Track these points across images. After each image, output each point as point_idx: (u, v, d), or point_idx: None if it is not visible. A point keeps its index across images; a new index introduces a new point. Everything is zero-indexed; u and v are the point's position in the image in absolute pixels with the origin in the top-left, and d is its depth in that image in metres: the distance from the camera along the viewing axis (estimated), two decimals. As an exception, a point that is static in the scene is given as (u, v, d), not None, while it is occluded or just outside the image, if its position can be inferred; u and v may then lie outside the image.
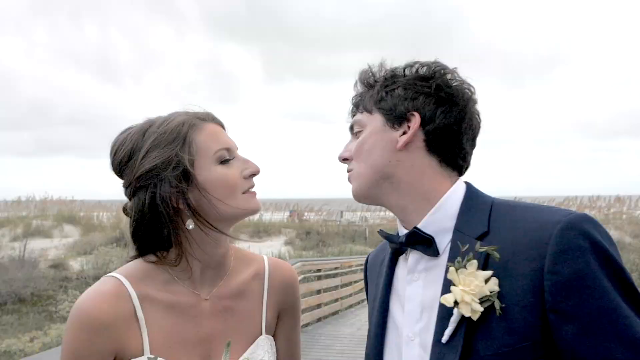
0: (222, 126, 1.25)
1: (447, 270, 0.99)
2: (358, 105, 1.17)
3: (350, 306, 12.12)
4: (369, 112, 1.14)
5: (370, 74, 1.16)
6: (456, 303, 0.95)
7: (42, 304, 17.30)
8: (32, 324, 15.49)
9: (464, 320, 0.95)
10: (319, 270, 10.89)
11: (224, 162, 1.17)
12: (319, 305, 10.40)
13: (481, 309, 0.93)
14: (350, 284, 12.15)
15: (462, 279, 0.96)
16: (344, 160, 1.17)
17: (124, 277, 1.14)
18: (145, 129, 1.18)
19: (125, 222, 1.20)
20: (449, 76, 1.10)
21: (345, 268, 12.24)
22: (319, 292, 10.49)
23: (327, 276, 11.19)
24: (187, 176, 1.13)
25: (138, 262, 1.18)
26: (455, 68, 1.12)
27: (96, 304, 1.09)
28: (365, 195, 1.14)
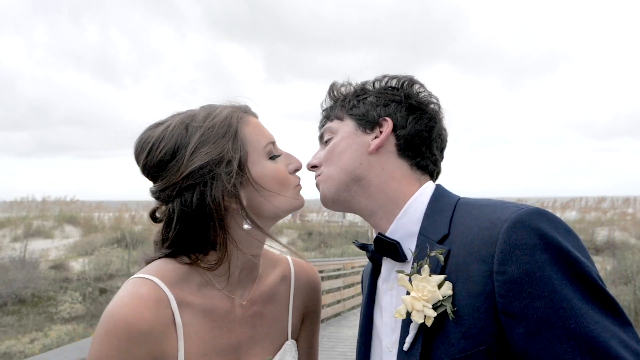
0: (258, 118, 1.19)
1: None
2: (329, 116, 1.19)
3: (353, 308, 12.04)
4: (340, 119, 1.16)
5: (340, 87, 1.20)
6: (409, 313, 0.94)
7: (43, 305, 17.27)
8: (32, 325, 15.45)
9: (422, 327, 0.94)
10: (321, 272, 10.81)
11: (272, 157, 1.12)
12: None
13: (434, 314, 0.91)
14: (352, 285, 12.06)
15: (415, 284, 0.94)
16: (313, 167, 1.17)
17: (159, 279, 1.04)
18: (186, 123, 1.08)
19: (127, 222, 1.09)
20: (417, 87, 1.15)
21: (348, 269, 12.16)
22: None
23: (330, 277, 11.14)
24: (240, 172, 1.06)
25: (170, 263, 1.08)
26: (424, 83, 1.16)
27: (136, 310, 0.98)
28: (334, 199, 1.13)
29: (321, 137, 1.20)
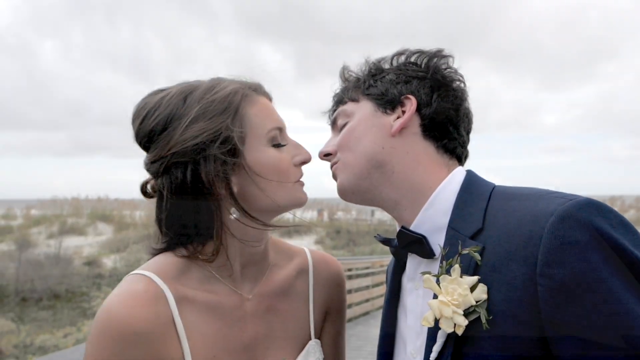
0: (271, 100, 1.10)
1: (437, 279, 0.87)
2: (341, 99, 1.09)
3: (382, 307, 11.93)
4: (356, 100, 1.05)
5: (353, 69, 1.10)
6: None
7: (76, 301, 17.72)
8: (66, 320, 15.87)
9: (452, 335, 0.83)
10: (349, 270, 10.74)
11: (276, 145, 1.03)
12: (349, 306, 10.28)
13: (465, 322, 0.81)
14: (381, 283, 11.93)
15: (444, 287, 0.84)
16: (326, 155, 1.06)
17: (156, 275, 0.96)
18: (186, 94, 1.00)
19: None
20: (442, 61, 1.04)
21: (377, 267, 12.06)
22: (349, 291, 10.35)
23: (358, 275, 11.09)
24: (234, 155, 0.97)
25: (168, 257, 1.01)
26: (450, 56, 1.05)
27: (129, 309, 0.90)
28: (354, 189, 1.02)
29: (334, 123, 1.09)
